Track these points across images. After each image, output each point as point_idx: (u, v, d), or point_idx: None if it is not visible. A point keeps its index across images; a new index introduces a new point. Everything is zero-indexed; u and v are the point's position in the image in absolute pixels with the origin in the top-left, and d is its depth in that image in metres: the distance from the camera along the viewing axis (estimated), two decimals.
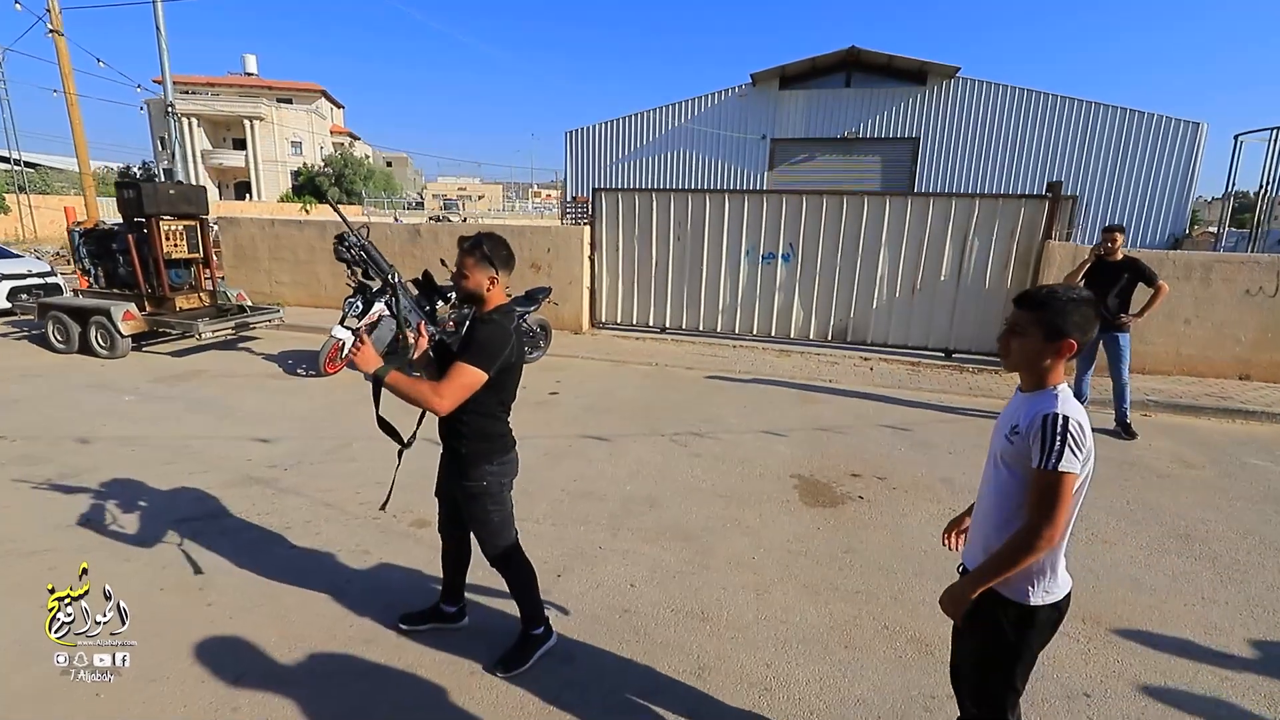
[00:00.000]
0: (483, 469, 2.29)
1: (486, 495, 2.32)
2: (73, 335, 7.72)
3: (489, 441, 2.28)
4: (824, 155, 21.14)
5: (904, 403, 6.40)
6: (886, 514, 3.98)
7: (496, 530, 2.40)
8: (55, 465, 4.47)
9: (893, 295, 8.08)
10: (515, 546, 2.48)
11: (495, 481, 2.32)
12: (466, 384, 2.06)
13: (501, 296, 2.23)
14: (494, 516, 2.37)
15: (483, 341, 2.09)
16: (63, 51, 11.27)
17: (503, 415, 2.34)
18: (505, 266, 2.19)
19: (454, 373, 2.05)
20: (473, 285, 2.15)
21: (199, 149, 43.77)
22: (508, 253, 2.20)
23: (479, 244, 2.14)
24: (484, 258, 2.13)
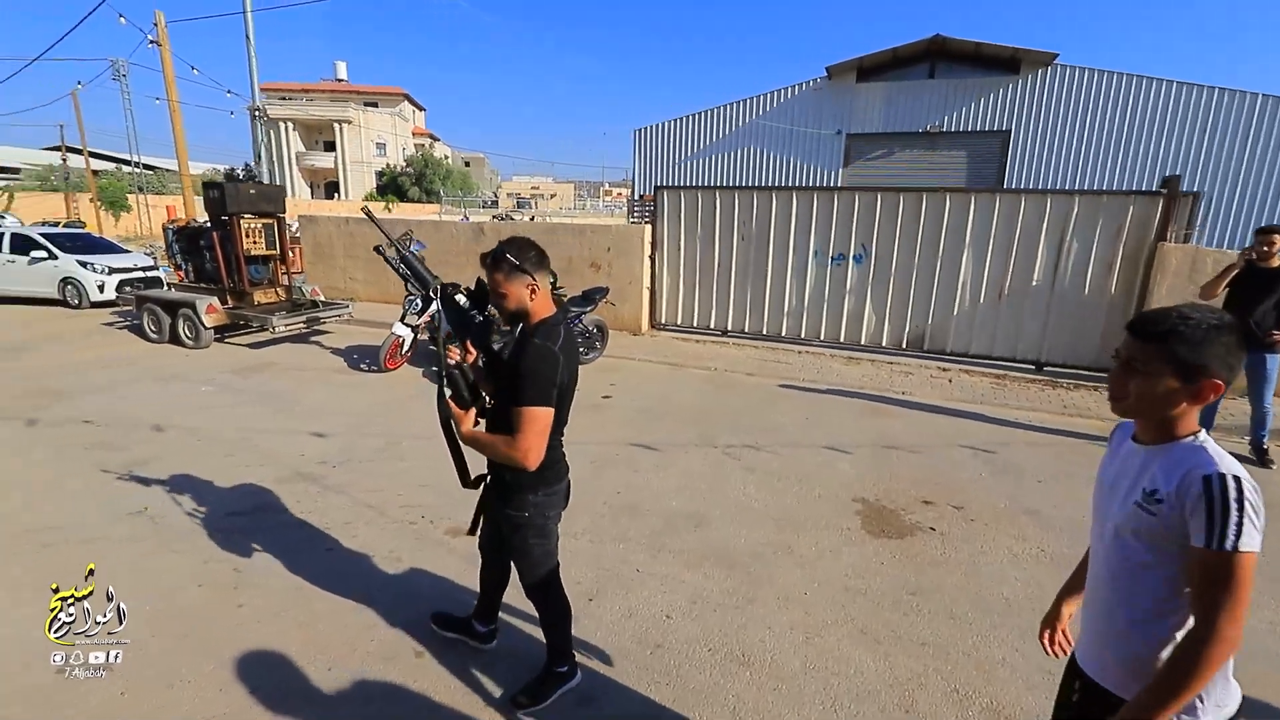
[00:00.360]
0: (526, 499, 2.06)
1: (529, 526, 2.11)
2: (164, 326, 8.21)
3: (535, 474, 1.98)
4: (904, 151, 20.07)
5: (987, 419, 5.82)
6: (962, 550, 3.54)
7: (537, 562, 2.20)
8: (127, 452, 4.68)
9: (976, 301, 7.44)
10: (555, 580, 2.28)
11: (539, 513, 2.10)
12: (540, 429, 1.85)
13: (548, 305, 1.97)
14: (535, 549, 2.16)
15: (531, 374, 1.83)
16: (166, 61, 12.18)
17: (554, 440, 2.06)
18: (540, 268, 1.92)
19: (524, 421, 1.83)
20: (514, 302, 1.91)
21: (293, 151, 46.66)
22: (537, 253, 1.94)
23: (502, 254, 1.88)
24: (513, 268, 1.87)
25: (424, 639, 2.69)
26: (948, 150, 19.65)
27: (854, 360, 7.77)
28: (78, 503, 3.89)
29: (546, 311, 1.96)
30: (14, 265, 10.83)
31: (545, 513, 2.11)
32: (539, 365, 1.84)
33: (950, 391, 6.66)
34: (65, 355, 7.66)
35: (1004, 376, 7.16)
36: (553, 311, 1.98)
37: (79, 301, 10.58)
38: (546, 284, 1.96)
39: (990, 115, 18.81)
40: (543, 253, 1.96)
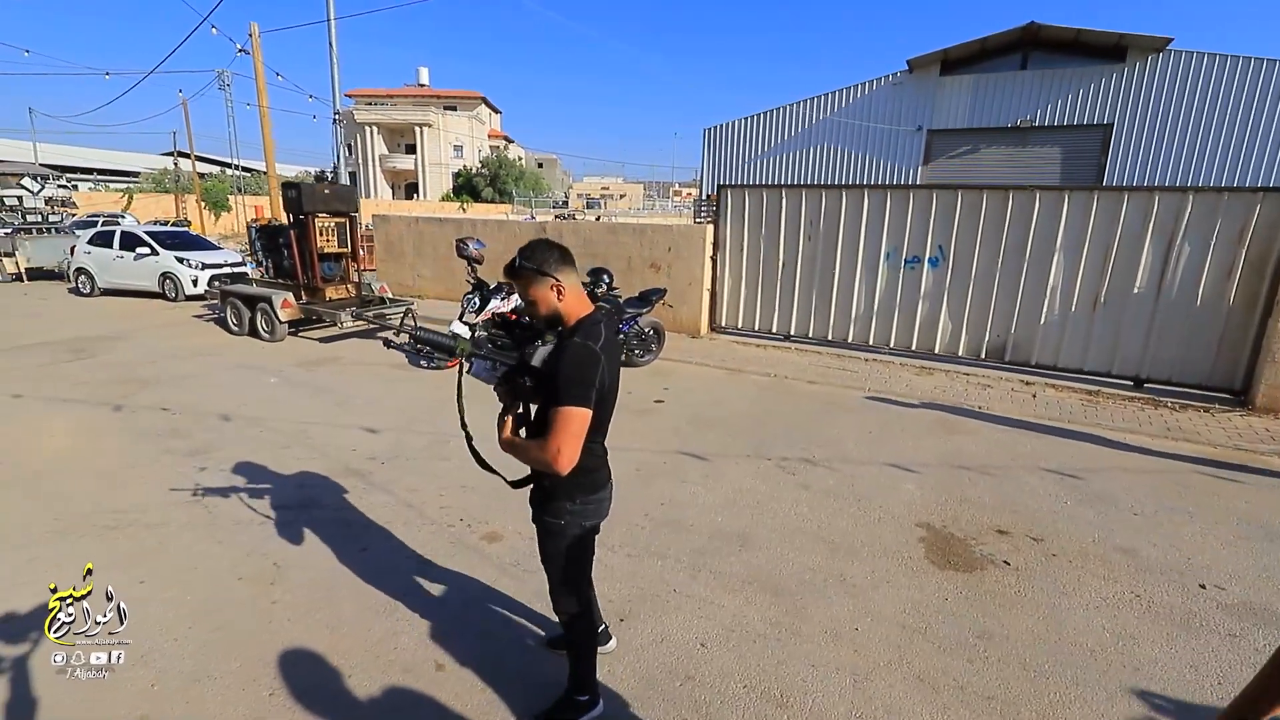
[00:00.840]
0: (563, 505, 1.96)
1: (563, 536, 2.00)
2: (244, 319, 8.67)
3: (574, 475, 1.86)
4: (990, 147, 18.88)
5: (1076, 439, 5.27)
6: (1040, 590, 3.15)
7: (571, 579, 2.08)
8: (195, 440, 4.89)
9: (1067, 309, 6.78)
10: (585, 599, 2.15)
11: (575, 522, 1.99)
12: (575, 431, 1.73)
13: (582, 304, 1.87)
14: (569, 564, 2.05)
15: (569, 374, 1.73)
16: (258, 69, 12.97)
17: (594, 446, 1.94)
18: (562, 267, 1.82)
19: (558, 421, 1.73)
20: (545, 308, 1.83)
21: (377, 154, 48.96)
22: (559, 253, 1.84)
23: (517, 262, 1.81)
24: (533, 271, 1.80)
25: (447, 649, 2.60)
26: (1039, 147, 18.32)
27: (926, 370, 7.26)
28: (145, 487, 4.08)
29: (582, 310, 1.86)
30: (123, 260, 11.76)
31: (582, 522, 2.00)
32: (578, 364, 1.74)
33: (1034, 408, 6.09)
34: (157, 345, 8.19)
35: (1097, 393, 6.49)
36: (589, 310, 1.88)
37: (175, 294, 11.38)
38: (574, 281, 1.86)
39: (1089, 108, 17.39)
40: (565, 252, 1.85)
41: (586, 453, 1.85)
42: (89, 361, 7.29)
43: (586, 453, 1.85)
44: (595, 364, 1.75)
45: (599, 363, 1.75)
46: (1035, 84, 17.83)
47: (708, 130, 23.01)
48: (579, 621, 2.14)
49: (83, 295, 12.11)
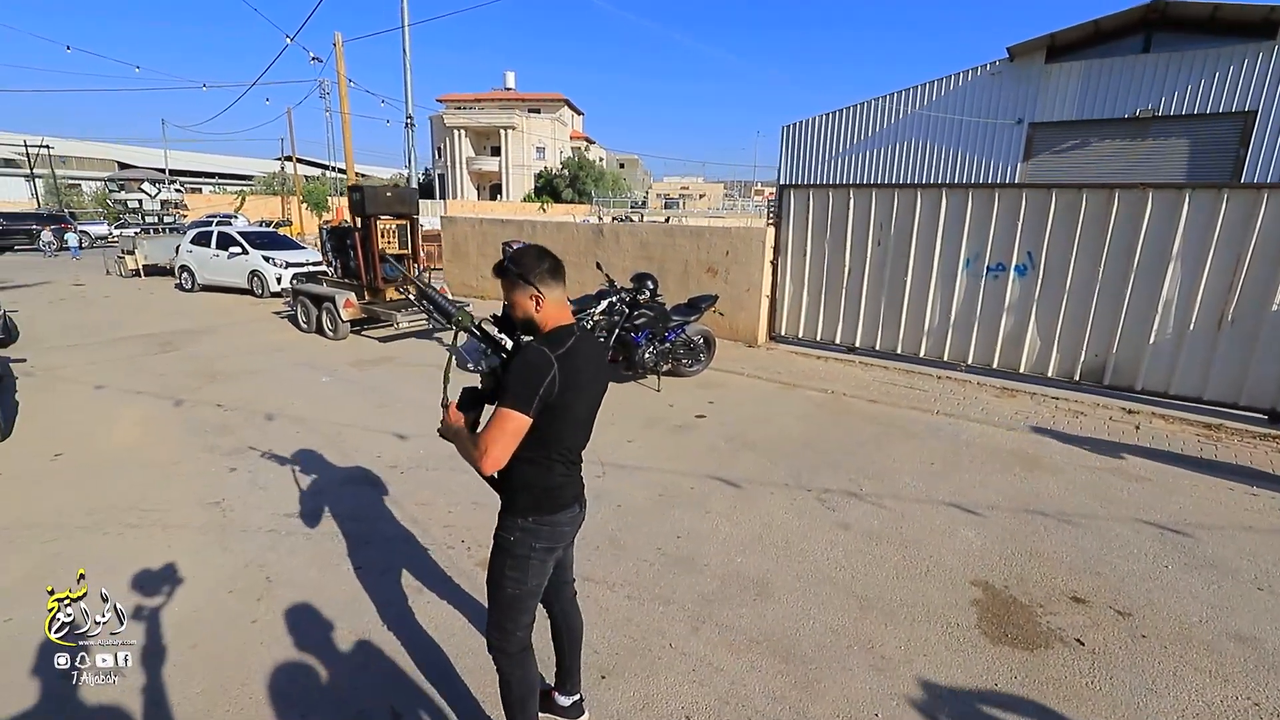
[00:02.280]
0: (515, 521, 1.85)
1: (508, 555, 1.86)
2: (312, 317, 9.01)
3: (528, 492, 1.82)
4: (1103, 140, 17.01)
5: (1188, 485, 4.45)
6: (1121, 683, 2.57)
7: (507, 605, 1.88)
8: (236, 438, 5.01)
9: (1184, 327, 5.83)
10: (521, 642, 1.92)
11: (525, 541, 1.84)
12: (505, 430, 1.67)
13: (560, 316, 1.81)
14: (508, 585, 1.86)
15: (513, 375, 1.70)
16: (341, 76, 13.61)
17: (552, 462, 1.82)
18: (548, 278, 1.77)
19: (492, 420, 1.69)
20: (520, 313, 1.80)
21: (464, 156, 50.86)
22: (550, 263, 1.80)
23: (503, 264, 1.79)
24: (516, 276, 1.76)
25: (408, 697, 2.40)
26: (1163, 139, 16.32)
27: (1008, 392, 6.47)
28: (180, 485, 4.17)
29: (557, 321, 1.81)
30: (218, 259, 12.63)
31: (532, 543, 1.84)
32: (523, 367, 1.69)
33: (1136, 441, 5.25)
34: (234, 340, 8.65)
35: (1218, 428, 5.53)
36: (568, 320, 1.82)
37: (261, 291, 12.08)
38: (558, 295, 1.81)
39: (1226, 94, 15.27)
40: (556, 265, 1.81)
41: (539, 468, 1.80)
42: (173, 355, 7.76)
43: (539, 468, 1.80)
44: (544, 370, 1.67)
45: (549, 370, 1.67)
46: (1160, 68, 15.87)
47: (786, 128, 22.16)
48: (511, 663, 1.91)
49: (184, 291, 13.10)
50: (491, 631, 1.92)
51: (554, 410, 1.71)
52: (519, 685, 1.93)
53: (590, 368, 1.79)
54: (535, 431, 1.71)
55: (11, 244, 23.58)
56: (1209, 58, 15.31)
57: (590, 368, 1.79)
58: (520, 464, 1.78)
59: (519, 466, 1.79)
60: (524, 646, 1.92)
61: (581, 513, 1.96)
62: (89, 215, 31.57)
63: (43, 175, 38.05)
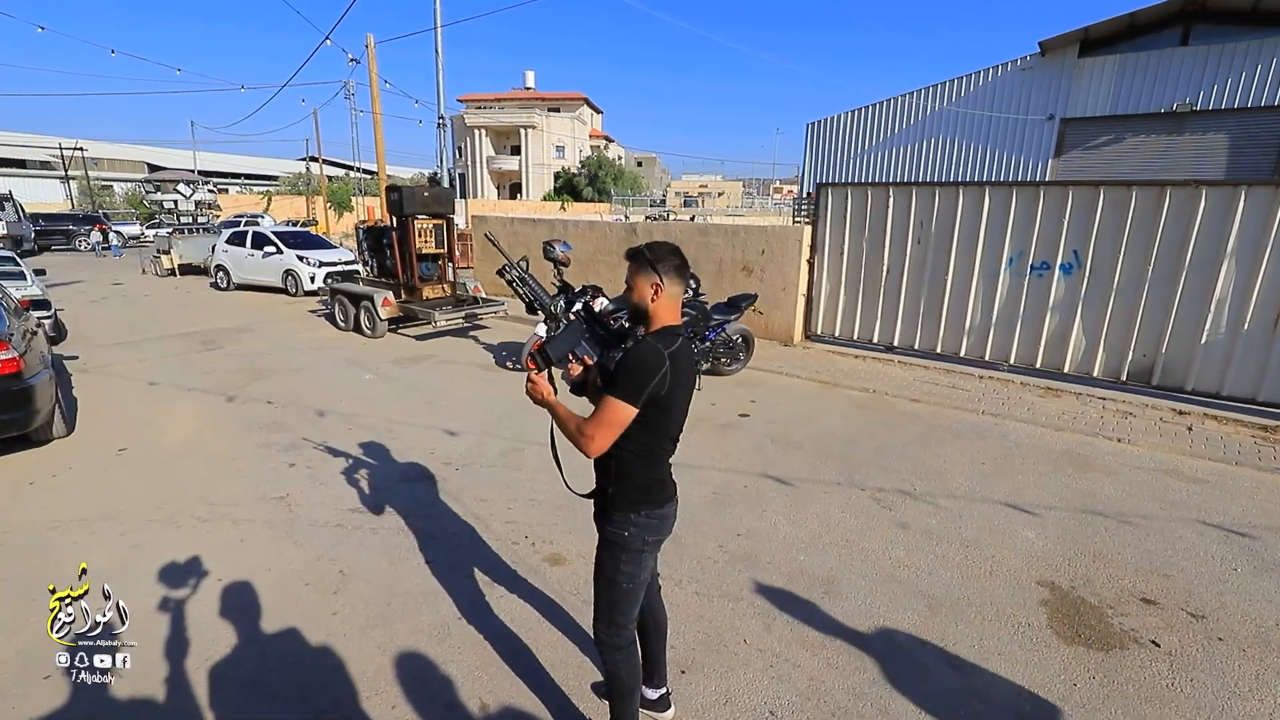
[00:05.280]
0: (629, 516, 1.89)
1: (624, 549, 1.91)
2: (350, 316, 9.15)
3: (639, 487, 1.88)
4: (1137, 136, 16.72)
5: (1248, 488, 4.39)
6: (1203, 685, 2.55)
7: (619, 599, 1.93)
8: (291, 434, 5.12)
9: (1237, 326, 5.72)
10: (630, 636, 1.98)
11: (639, 536, 1.90)
12: (610, 421, 1.73)
13: (672, 314, 1.87)
14: (622, 580, 1.92)
15: (626, 368, 1.74)
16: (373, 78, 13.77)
17: (658, 457, 1.90)
18: (674, 275, 1.83)
19: (600, 408, 1.76)
20: (636, 296, 1.85)
21: (484, 155, 51.17)
22: (680, 261, 1.85)
23: (639, 249, 1.86)
24: (646, 262, 1.82)
25: (493, 688, 2.45)
26: (1200, 134, 15.99)
27: (1052, 392, 6.40)
28: (239, 481, 4.28)
29: (669, 319, 1.86)
30: (253, 258, 12.86)
31: (645, 536, 1.91)
32: (637, 362, 1.74)
33: (1187, 444, 5.17)
34: (274, 337, 8.82)
35: (1276, 429, 5.43)
36: (677, 321, 1.88)
37: (295, 290, 12.28)
38: (676, 291, 1.85)
39: (1270, 86, 14.92)
40: (684, 263, 1.87)
41: (648, 463, 1.87)
42: (217, 352, 7.94)
43: (648, 463, 1.87)
44: (656, 367, 1.72)
45: (661, 367, 1.73)
46: (1198, 61, 15.54)
47: (810, 125, 22.05)
48: (619, 657, 1.96)
49: (220, 290, 13.36)
50: (602, 628, 1.96)
51: (662, 406, 1.78)
52: (629, 677, 1.98)
53: (688, 369, 1.86)
54: (644, 425, 1.77)
55: (50, 244, 24.21)
56: (1250, 50, 14.97)
57: (688, 369, 1.86)
58: (631, 458, 1.84)
59: (631, 461, 1.84)
60: (632, 640, 1.98)
61: (677, 504, 2.00)
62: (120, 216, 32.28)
63: (76, 177, 38.98)
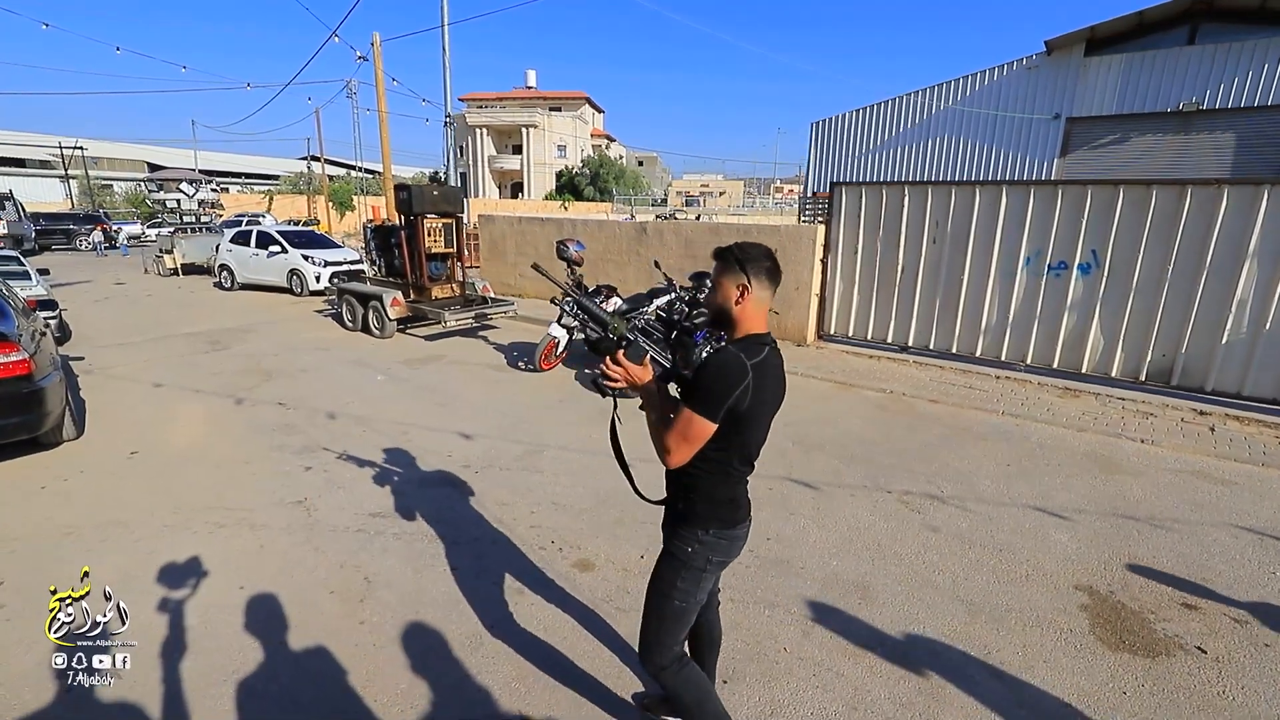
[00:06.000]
0: (695, 532, 1.79)
1: (685, 566, 1.80)
2: (358, 316, 9.08)
3: (710, 503, 1.77)
4: (1143, 135, 16.68)
5: (1273, 490, 4.34)
6: (1254, 693, 2.49)
7: (668, 616, 1.82)
8: (303, 437, 5.05)
9: (1259, 327, 5.67)
10: (677, 654, 1.87)
11: (703, 555, 1.79)
12: (688, 435, 1.63)
13: (758, 320, 1.72)
14: (676, 597, 1.81)
15: (704, 378, 1.63)
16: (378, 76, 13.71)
17: (733, 471, 1.76)
18: (764, 278, 1.69)
19: (677, 420, 1.65)
20: (720, 298, 1.73)
21: (486, 155, 51.09)
22: (771, 264, 1.71)
23: (730, 248, 1.72)
24: (734, 261, 1.69)
25: (531, 699, 2.39)
26: (1207, 133, 15.95)
27: (1071, 392, 6.35)
28: (253, 485, 4.20)
29: (755, 327, 1.73)
30: (258, 258, 12.78)
31: (710, 556, 1.80)
32: (719, 373, 1.62)
33: (1210, 445, 5.12)
34: (281, 338, 8.74)
35: None
36: (764, 329, 1.74)
37: (300, 290, 12.21)
38: (765, 296, 1.72)
39: (1276, 86, 14.90)
40: (775, 266, 1.73)
41: (723, 480, 1.76)
42: (224, 353, 7.86)
43: (723, 480, 1.76)
44: (737, 378, 1.60)
45: (743, 379, 1.60)
46: (1205, 60, 15.50)
47: (815, 124, 21.99)
48: (665, 674, 1.86)
49: (224, 289, 13.28)
50: (648, 651, 1.86)
51: (743, 420, 1.65)
52: (693, 690, 1.89)
53: (775, 383, 1.73)
54: (721, 440, 1.66)
55: (50, 243, 24.10)
56: (1258, 49, 14.93)
57: (775, 383, 1.73)
58: (705, 474, 1.73)
59: (704, 476, 1.74)
60: (679, 657, 1.89)
61: (749, 525, 1.87)
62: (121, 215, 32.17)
63: (76, 176, 38.85)
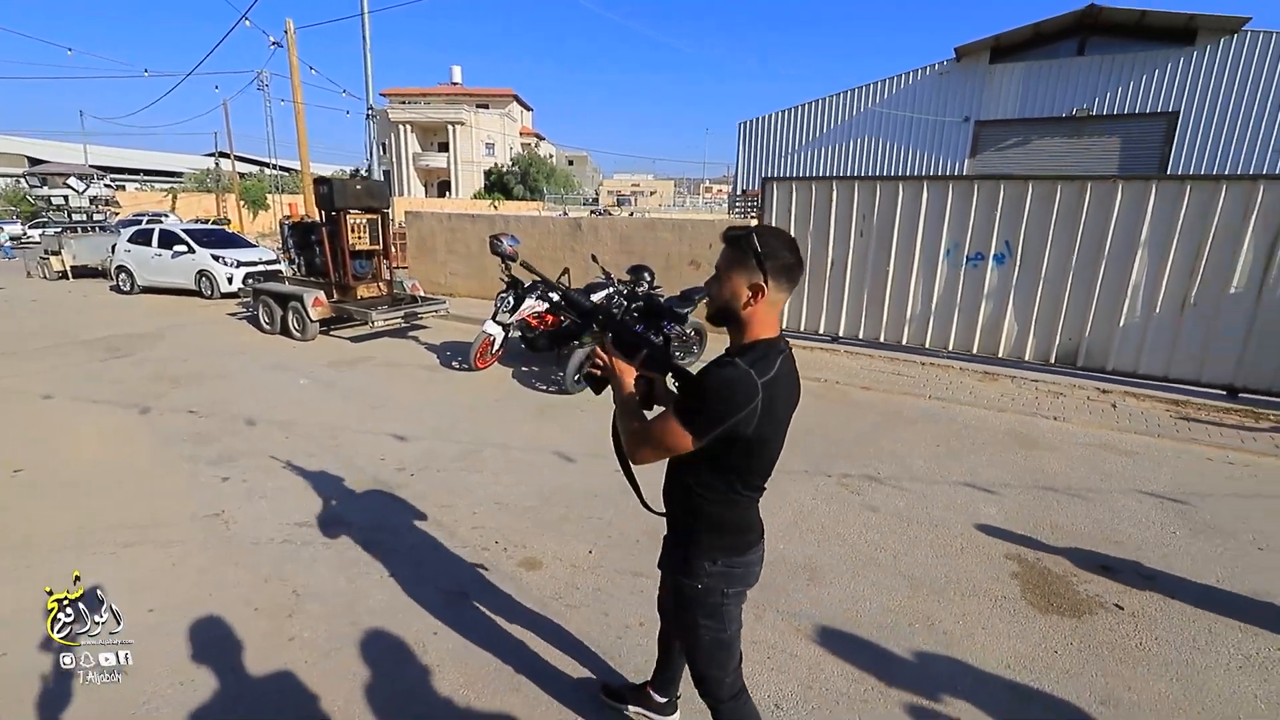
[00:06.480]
0: (701, 565, 1.59)
1: (700, 604, 1.63)
2: (276, 318, 8.55)
3: (717, 532, 1.57)
4: (1043, 138, 17.97)
5: (1171, 457, 4.73)
6: (1167, 643, 2.69)
7: (707, 652, 1.68)
8: (219, 446, 4.68)
9: (1150, 311, 6.19)
10: (733, 687, 1.73)
11: (716, 588, 1.60)
12: (663, 443, 1.45)
13: (770, 323, 1.46)
14: (704, 634, 1.65)
15: (704, 394, 1.39)
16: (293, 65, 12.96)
17: (741, 497, 1.56)
18: (783, 279, 1.41)
19: (657, 420, 1.47)
20: (726, 293, 1.44)
21: (410, 152, 49.40)
22: (795, 259, 1.42)
23: (748, 234, 1.40)
24: (750, 253, 1.38)
25: (479, 710, 2.28)
26: (1097, 137, 17.36)
27: (990, 376, 6.73)
28: (165, 499, 3.86)
29: (766, 330, 1.46)
30: (161, 259, 11.83)
31: (724, 588, 1.61)
32: (723, 392, 1.37)
33: (1114, 420, 5.54)
34: (191, 343, 8.11)
35: (1184, 404, 5.89)
36: (775, 334, 1.48)
37: (211, 292, 11.39)
38: (780, 299, 1.44)
39: (1153, 95, 16.38)
40: (799, 263, 1.43)
41: (734, 504, 1.56)
42: (125, 360, 7.21)
43: (734, 504, 1.56)
44: (743, 401, 1.36)
45: (751, 401, 1.36)
46: (1093, 70, 16.87)
47: (743, 124, 22.47)
48: (725, 709, 1.73)
49: (123, 293, 12.22)
50: (700, 684, 1.72)
51: (750, 444, 1.43)
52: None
53: (788, 392, 1.49)
54: (723, 464, 1.48)
55: None
56: (1137, 61, 16.37)
57: (788, 392, 1.49)
58: (708, 500, 1.55)
59: (707, 504, 1.56)
60: (738, 690, 1.74)
61: (763, 550, 1.69)
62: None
63: None
